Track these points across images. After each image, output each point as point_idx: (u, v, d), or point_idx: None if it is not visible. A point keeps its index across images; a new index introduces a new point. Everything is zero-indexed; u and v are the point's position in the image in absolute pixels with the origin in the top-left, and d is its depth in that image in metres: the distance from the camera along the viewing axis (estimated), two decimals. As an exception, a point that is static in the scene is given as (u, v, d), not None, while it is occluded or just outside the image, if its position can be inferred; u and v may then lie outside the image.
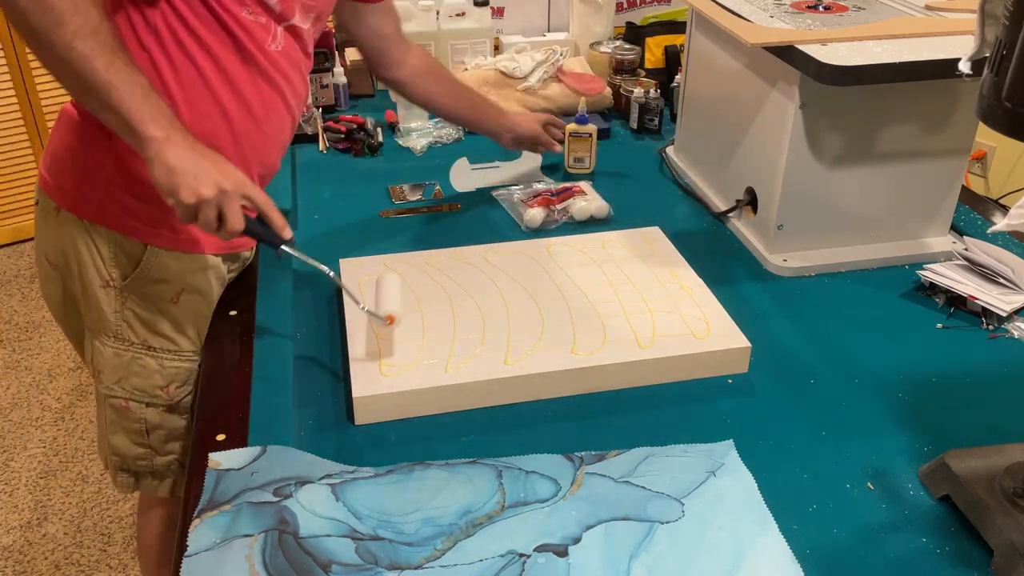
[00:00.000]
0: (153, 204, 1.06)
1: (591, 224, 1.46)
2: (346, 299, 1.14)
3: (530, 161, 1.64)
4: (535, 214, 1.43)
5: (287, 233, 1.02)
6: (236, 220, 0.97)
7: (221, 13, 1.04)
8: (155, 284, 1.14)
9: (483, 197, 1.55)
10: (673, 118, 1.82)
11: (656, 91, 1.80)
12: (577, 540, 0.84)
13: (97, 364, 1.19)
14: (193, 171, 0.94)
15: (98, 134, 1.07)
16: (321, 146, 1.75)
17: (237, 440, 0.96)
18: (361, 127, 1.74)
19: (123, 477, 1.27)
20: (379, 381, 1.02)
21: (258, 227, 1.01)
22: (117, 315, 1.15)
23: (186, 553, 0.81)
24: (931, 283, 1.26)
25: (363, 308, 1.06)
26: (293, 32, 1.13)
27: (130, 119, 0.93)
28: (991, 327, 1.21)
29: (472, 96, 1.56)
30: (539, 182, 1.58)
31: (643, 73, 1.92)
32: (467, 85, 1.59)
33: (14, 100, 2.97)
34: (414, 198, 1.55)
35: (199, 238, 1.14)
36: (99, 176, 1.09)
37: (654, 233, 1.36)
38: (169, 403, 1.21)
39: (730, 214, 1.45)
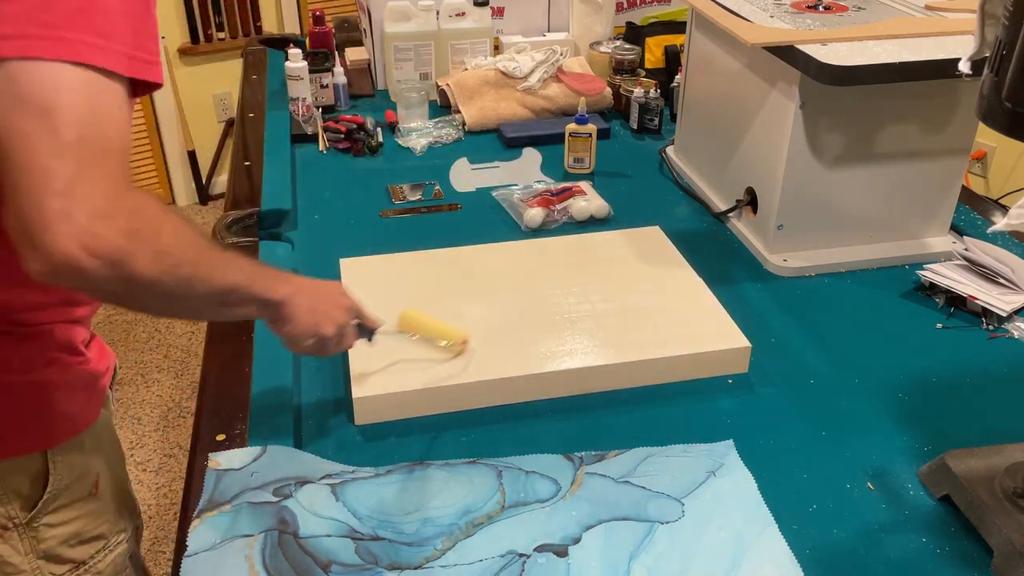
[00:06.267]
0: (52, 392, 0.91)
1: (591, 224, 1.46)
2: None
3: (530, 161, 1.64)
4: (535, 214, 1.43)
5: (376, 324, 1.03)
6: (352, 338, 0.99)
7: None
8: (68, 490, 0.95)
9: (483, 197, 1.55)
10: (673, 118, 1.82)
11: (656, 91, 1.80)
12: (577, 540, 0.84)
13: None
14: (319, 311, 0.92)
15: None
16: (321, 146, 1.75)
17: (237, 440, 0.96)
18: (361, 127, 1.74)
19: None
20: (379, 381, 1.02)
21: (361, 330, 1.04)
22: (29, 557, 0.95)
23: (186, 553, 0.81)
24: (931, 283, 1.26)
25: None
26: None
27: (261, 298, 0.86)
28: (991, 327, 1.21)
29: None
30: (539, 182, 1.58)
31: (643, 73, 1.92)
32: None
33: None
34: (414, 198, 1.55)
35: (90, 395, 0.97)
36: None
37: (654, 233, 1.36)
38: None
39: (730, 214, 1.45)
